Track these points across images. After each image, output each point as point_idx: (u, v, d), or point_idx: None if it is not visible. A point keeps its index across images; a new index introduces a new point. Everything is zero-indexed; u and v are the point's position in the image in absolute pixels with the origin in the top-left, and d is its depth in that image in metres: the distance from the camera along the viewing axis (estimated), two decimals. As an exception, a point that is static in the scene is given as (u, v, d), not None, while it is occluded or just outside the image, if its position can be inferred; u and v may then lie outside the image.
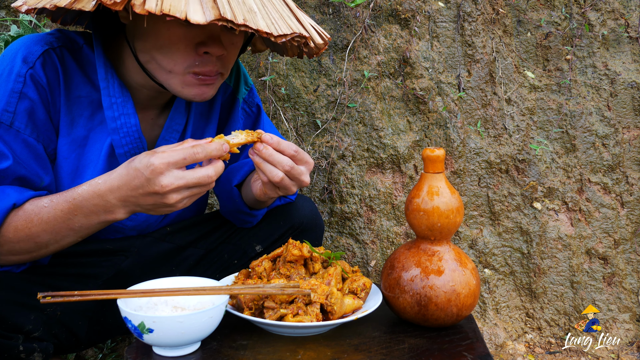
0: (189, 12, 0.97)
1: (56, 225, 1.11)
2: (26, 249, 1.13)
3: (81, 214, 1.09)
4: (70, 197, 1.10)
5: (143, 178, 1.04)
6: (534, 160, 2.11)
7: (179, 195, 1.06)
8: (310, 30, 1.16)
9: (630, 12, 2.23)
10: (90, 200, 1.08)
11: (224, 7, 0.99)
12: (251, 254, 1.49)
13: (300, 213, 1.51)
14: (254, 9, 1.04)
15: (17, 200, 1.11)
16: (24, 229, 1.10)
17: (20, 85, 1.13)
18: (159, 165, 1.03)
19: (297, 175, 1.17)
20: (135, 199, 1.07)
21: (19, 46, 1.16)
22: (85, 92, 1.22)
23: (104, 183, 1.08)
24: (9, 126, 1.13)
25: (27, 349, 1.19)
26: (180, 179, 1.04)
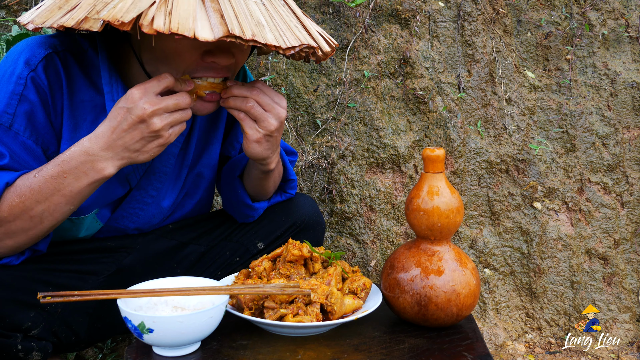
0: (197, 30, 0.98)
1: (47, 192, 1.09)
2: (22, 227, 1.12)
3: (70, 175, 1.09)
4: (59, 160, 1.10)
5: (124, 111, 1.06)
6: (534, 160, 2.11)
7: (161, 120, 1.07)
8: (318, 39, 1.17)
9: (630, 12, 2.23)
10: (77, 158, 1.08)
11: (232, 23, 1.00)
12: (253, 251, 1.49)
13: (302, 211, 1.52)
14: (262, 21, 1.05)
15: (10, 179, 1.10)
16: (18, 204, 1.09)
17: (21, 88, 1.13)
18: (137, 92, 1.05)
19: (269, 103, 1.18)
20: (122, 140, 1.07)
21: (23, 48, 1.16)
22: (89, 96, 1.21)
23: (88, 139, 1.09)
24: (8, 128, 1.13)
25: (26, 348, 1.19)
26: (160, 101, 1.07)
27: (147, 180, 1.33)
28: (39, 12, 1.11)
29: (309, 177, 2.03)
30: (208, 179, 1.47)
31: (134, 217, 1.38)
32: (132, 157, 1.10)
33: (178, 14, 0.98)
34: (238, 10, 1.03)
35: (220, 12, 1.01)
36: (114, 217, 1.36)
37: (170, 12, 0.98)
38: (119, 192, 1.32)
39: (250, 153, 1.23)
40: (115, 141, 1.07)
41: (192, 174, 1.43)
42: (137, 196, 1.34)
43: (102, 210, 1.33)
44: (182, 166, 1.39)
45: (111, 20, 0.97)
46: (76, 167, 1.09)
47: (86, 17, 1.01)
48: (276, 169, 1.38)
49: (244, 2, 1.05)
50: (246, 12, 1.04)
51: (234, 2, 1.04)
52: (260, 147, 1.22)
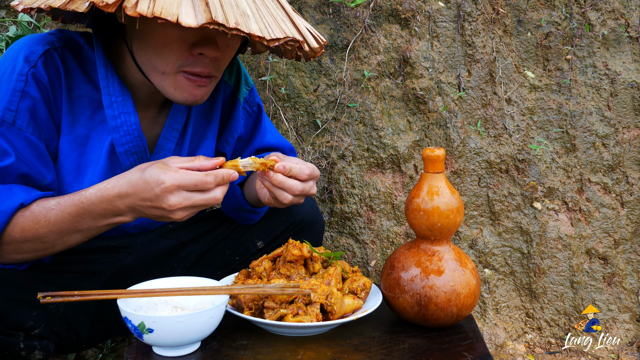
0: (181, 15, 0.97)
1: (63, 227, 1.12)
2: (32, 249, 1.14)
3: (89, 217, 1.11)
4: (78, 201, 1.11)
5: (152, 193, 1.06)
6: (534, 160, 2.11)
7: (184, 212, 1.09)
8: (305, 34, 1.16)
9: (630, 12, 2.23)
10: (98, 204, 1.10)
11: (216, 11, 0.99)
12: (252, 250, 1.50)
13: (301, 210, 1.53)
14: (247, 12, 1.05)
15: (25, 200, 1.12)
16: (31, 230, 1.11)
17: (22, 84, 1.14)
18: (170, 186, 1.05)
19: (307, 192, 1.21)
20: (143, 208, 1.10)
21: (21, 46, 1.17)
22: (86, 91, 1.22)
23: (112, 188, 1.10)
24: (12, 124, 1.13)
25: (28, 347, 1.20)
26: (188, 200, 1.07)
27: None
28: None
29: (309, 177, 2.03)
30: None
31: None
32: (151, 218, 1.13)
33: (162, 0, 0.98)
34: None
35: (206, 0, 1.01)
36: None
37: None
38: None
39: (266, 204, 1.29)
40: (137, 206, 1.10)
41: None
42: None
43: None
44: None
45: (95, 1, 0.97)
46: (96, 211, 1.11)
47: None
48: None
49: None
50: (232, 1, 1.04)
51: None
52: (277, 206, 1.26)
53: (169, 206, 1.06)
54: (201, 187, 1.07)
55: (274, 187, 1.18)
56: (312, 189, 1.21)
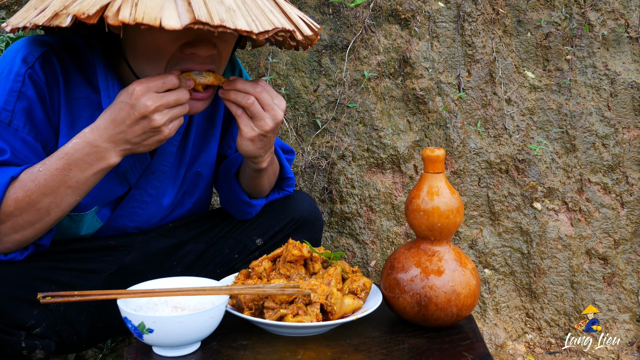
0: (164, 19, 0.97)
1: (53, 185, 1.11)
2: (29, 220, 1.13)
3: (75, 167, 1.11)
4: (62, 153, 1.11)
5: (127, 106, 1.07)
6: (534, 160, 2.11)
7: (162, 116, 1.09)
8: (297, 22, 1.15)
9: (630, 12, 2.23)
10: (81, 150, 1.10)
11: (199, 10, 0.99)
12: (251, 247, 1.50)
13: (299, 207, 1.53)
14: (233, 7, 1.03)
15: (14, 173, 1.11)
16: (24, 198, 1.10)
17: (19, 85, 1.14)
18: (140, 89, 1.07)
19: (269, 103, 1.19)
20: (124, 133, 1.09)
21: (19, 47, 1.17)
22: (85, 93, 1.22)
23: (90, 130, 1.10)
24: (8, 124, 1.13)
25: (29, 346, 1.20)
26: (161, 98, 1.08)
27: (146, 180, 1.34)
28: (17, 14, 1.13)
29: (308, 177, 2.03)
30: (206, 177, 1.47)
31: (134, 216, 1.38)
32: (133, 149, 1.13)
33: (144, 4, 0.97)
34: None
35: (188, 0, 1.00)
36: (113, 216, 1.37)
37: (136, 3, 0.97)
38: (118, 191, 1.32)
39: (243, 150, 1.24)
40: (118, 134, 1.09)
41: (190, 172, 1.43)
42: (137, 195, 1.35)
43: (102, 210, 1.34)
44: (180, 165, 1.39)
45: (77, 14, 0.97)
46: (81, 159, 1.10)
47: (56, 13, 1.01)
48: (270, 168, 1.38)
49: None
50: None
51: None
52: (253, 146, 1.23)
53: (145, 107, 1.07)
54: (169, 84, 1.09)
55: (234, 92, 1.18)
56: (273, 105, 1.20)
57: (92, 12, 0.96)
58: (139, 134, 1.10)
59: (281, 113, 1.21)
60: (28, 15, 1.07)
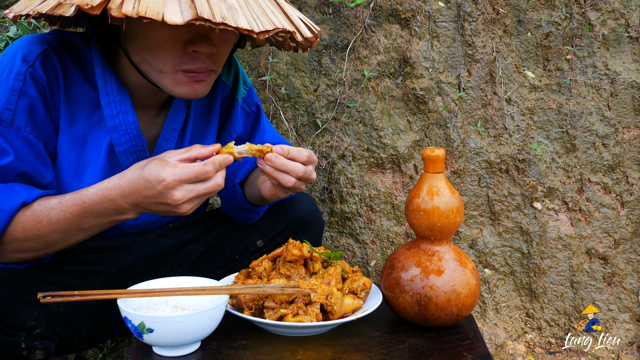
0: (166, 13, 0.97)
1: (66, 226, 1.12)
2: (33, 247, 1.15)
3: (91, 216, 1.12)
4: (80, 200, 1.11)
5: (155, 190, 1.07)
6: (534, 160, 2.11)
7: (190, 204, 1.10)
8: (298, 24, 1.15)
9: (630, 12, 2.23)
10: (100, 204, 1.11)
11: (201, 6, 0.99)
12: (252, 248, 1.50)
13: (300, 208, 1.53)
14: (235, 5, 1.04)
15: (27, 199, 1.12)
16: (33, 229, 1.12)
17: (20, 84, 1.14)
18: (171, 182, 1.06)
19: (308, 176, 1.20)
20: (147, 205, 1.10)
21: (19, 46, 1.17)
22: (84, 91, 1.22)
23: (114, 188, 1.10)
24: (10, 124, 1.13)
25: (29, 347, 1.20)
26: (192, 192, 1.08)
27: None
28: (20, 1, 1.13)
29: (309, 177, 2.03)
30: None
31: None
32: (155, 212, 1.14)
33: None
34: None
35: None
36: None
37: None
38: None
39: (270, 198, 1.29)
40: (141, 203, 1.10)
41: None
42: None
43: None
44: None
45: (81, 4, 0.97)
46: (98, 211, 1.12)
47: (59, 2, 1.01)
48: None
49: None
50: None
51: None
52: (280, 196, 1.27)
53: (174, 201, 1.07)
54: (202, 177, 1.08)
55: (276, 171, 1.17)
56: (312, 174, 1.21)
57: (95, 3, 0.96)
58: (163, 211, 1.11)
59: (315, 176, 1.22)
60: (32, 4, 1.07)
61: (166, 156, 1.09)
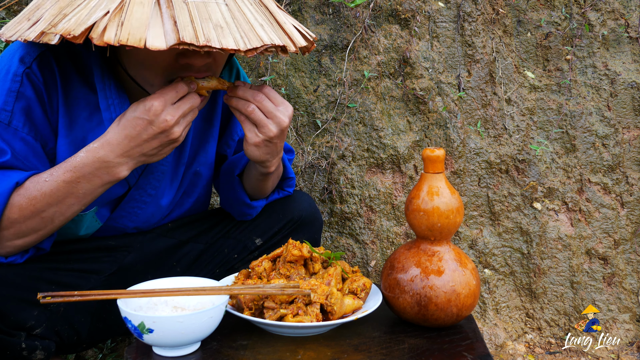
0: (149, 39, 0.97)
1: (60, 196, 1.12)
2: (32, 227, 1.14)
3: (84, 180, 1.11)
4: (71, 166, 1.11)
5: (144, 122, 1.08)
6: (534, 160, 2.11)
7: (180, 127, 1.11)
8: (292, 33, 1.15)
9: (630, 12, 2.23)
10: (91, 164, 1.10)
11: (184, 30, 0.98)
12: (251, 247, 1.50)
13: (299, 207, 1.53)
14: (222, 23, 1.03)
15: (19, 179, 1.11)
16: (29, 207, 1.11)
17: (18, 85, 1.14)
18: (158, 104, 1.07)
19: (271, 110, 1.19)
20: (140, 147, 1.10)
21: (17, 47, 1.17)
22: (83, 93, 1.22)
23: (101, 145, 1.10)
24: (7, 125, 1.13)
25: (29, 347, 1.20)
26: (178, 110, 1.10)
27: (146, 180, 1.34)
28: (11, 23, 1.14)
29: (309, 177, 2.03)
30: (205, 177, 1.47)
31: (133, 217, 1.38)
32: (147, 160, 1.14)
33: (130, 24, 0.97)
34: (195, 14, 1.01)
35: (174, 19, 0.99)
36: (113, 216, 1.36)
37: (122, 23, 0.97)
38: (118, 192, 1.32)
39: (249, 155, 1.25)
40: (133, 149, 1.10)
41: (189, 172, 1.43)
42: (136, 195, 1.35)
43: (101, 210, 1.34)
44: (179, 164, 1.39)
45: (64, 34, 0.98)
46: (90, 173, 1.11)
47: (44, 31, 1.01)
48: (276, 171, 1.38)
49: (203, 4, 1.04)
50: (205, 15, 1.02)
51: (191, 6, 1.02)
52: (259, 151, 1.23)
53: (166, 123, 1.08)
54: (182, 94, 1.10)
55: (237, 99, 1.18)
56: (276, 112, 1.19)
57: (77, 33, 0.97)
58: (156, 147, 1.11)
59: (286, 119, 1.21)
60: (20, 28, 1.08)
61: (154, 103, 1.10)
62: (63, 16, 1.01)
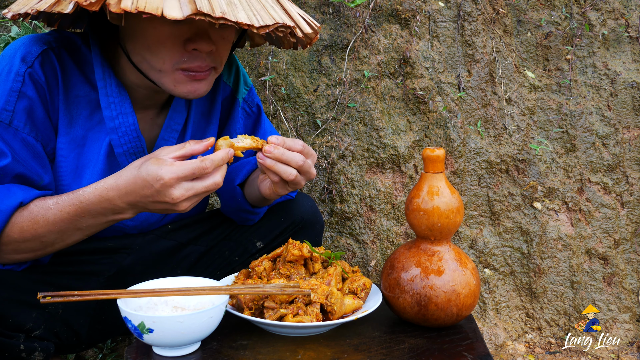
0: (166, 9, 0.96)
1: (63, 226, 1.12)
2: (31, 248, 1.14)
3: (88, 216, 1.11)
4: (77, 200, 1.11)
5: (153, 189, 1.06)
6: (534, 160, 2.11)
7: (189, 202, 1.09)
8: (298, 20, 1.15)
9: (630, 12, 2.23)
10: (98, 204, 1.10)
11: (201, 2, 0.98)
12: (252, 250, 1.49)
13: (300, 209, 1.52)
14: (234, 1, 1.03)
15: (24, 199, 1.12)
16: (30, 230, 1.11)
17: (19, 84, 1.13)
18: (169, 180, 1.05)
19: (307, 169, 1.19)
20: (145, 204, 1.10)
21: (18, 46, 1.17)
22: (84, 91, 1.22)
23: (111, 188, 1.10)
24: (8, 125, 1.13)
25: (28, 348, 1.20)
26: (190, 190, 1.07)
27: None
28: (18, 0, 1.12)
29: (309, 177, 2.03)
30: None
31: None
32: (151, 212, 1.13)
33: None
34: None
35: None
36: None
37: None
38: None
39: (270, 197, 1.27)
40: (138, 203, 1.10)
41: None
42: None
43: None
44: None
45: (79, 1, 0.96)
46: (96, 210, 1.11)
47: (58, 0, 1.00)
48: None
49: None
50: None
51: None
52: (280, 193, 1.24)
53: (172, 200, 1.06)
54: (199, 174, 1.07)
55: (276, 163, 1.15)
56: (311, 167, 1.19)
57: None
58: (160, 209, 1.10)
59: (314, 172, 1.21)
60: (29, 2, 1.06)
61: (161, 154, 1.08)
62: None
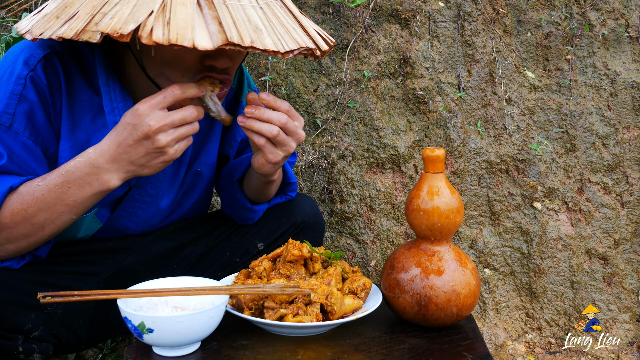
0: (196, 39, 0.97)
1: (50, 201, 1.10)
2: (23, 233, 1.12)
3: (74, 185, 1.09)
4: (63, 170, 1.10)
5: (130, 127, 1.06)
6: (534, 160, 2.11)
7: (167, 136, 1.07)
8: (316, 38, 1.16)
9: (630, 12, 2.23)
10: (82, 169, 1.09)
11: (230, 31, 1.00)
12: (253, 251, 1.49)
13: (301, 211, 1.52)
14: (260, 26, 1.05)
15: (14, 184, 1.11)
16: (20, 212, 1.10)
17: (21, 88, 1.13)
18: (143, 108, 1.05)
19: (293, 129, 1.17)
20: (127, 154, 1.08)
21: (21, 49, 1.16)
22: (87, 96, 1.21)
23: (93, 150, 1.09)
24: (8, 128, 1.13)
25: (27, 350, 1.19)
26: (166, 117, 1.06)
27: (146, 179, 1.33)
28: (37, 21, 1.11)
29: (309, 177, 2.03)
30: (206, 178, 1.47)
31: (133, 217, 1.38)
32: (137, 171, 1.11)
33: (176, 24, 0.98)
34: (236, 16, 1.03)
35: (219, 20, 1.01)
36: (113, 216, 1.36)
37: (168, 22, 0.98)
38: (118, 192, 1.32)
39: (264, 172, 1.24)
40: (121, 155, 1.08)
41: (190, 172, 1.43)
42: (136, 195, 1.34)
43: (101, 210, 1.33)
44: (180, 164, 1.39)
45: (110, 32, 0.97)
46: (80, 178, 1.09)
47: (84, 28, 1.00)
48: (278, 177, 1.38)
49: (241, 7, 1.05)
50: (244, 17, 1.04)
51: (231, 8, 1.03)
52: (274, 167, 1.23)
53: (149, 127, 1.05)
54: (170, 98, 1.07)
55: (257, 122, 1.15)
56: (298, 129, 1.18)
57: (125, 32, 0.96)
58: (143, 155, 1.08)
59: (303, 134, 1.20)
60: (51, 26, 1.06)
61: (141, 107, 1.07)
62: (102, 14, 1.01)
